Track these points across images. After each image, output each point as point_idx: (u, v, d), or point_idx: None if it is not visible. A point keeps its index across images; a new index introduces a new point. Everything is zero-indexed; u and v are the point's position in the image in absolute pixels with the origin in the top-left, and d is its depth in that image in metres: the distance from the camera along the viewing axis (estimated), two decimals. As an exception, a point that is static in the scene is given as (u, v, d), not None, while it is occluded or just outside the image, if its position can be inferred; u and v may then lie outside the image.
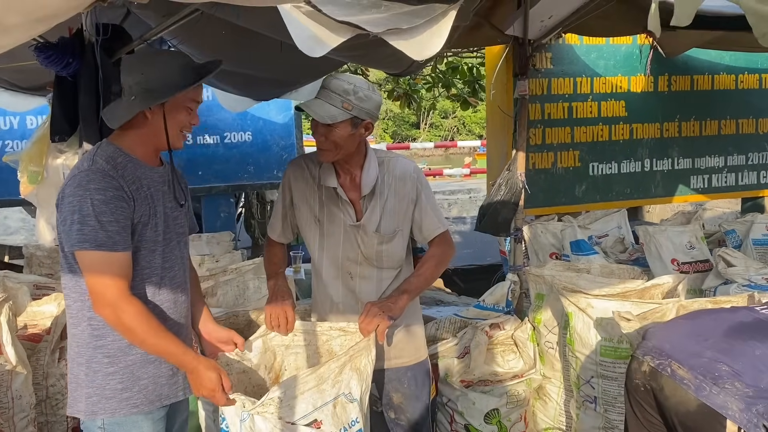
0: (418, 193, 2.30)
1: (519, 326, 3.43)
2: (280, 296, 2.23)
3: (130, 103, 1.82)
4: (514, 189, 3.51)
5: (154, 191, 1.89)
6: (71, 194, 1.74)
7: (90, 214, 1.71)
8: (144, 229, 1.85)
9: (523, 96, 3.50)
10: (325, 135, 2.16)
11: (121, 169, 1.82)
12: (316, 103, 2.13)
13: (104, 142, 1.88)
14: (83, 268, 1.76)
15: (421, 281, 2.31)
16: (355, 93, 2.13)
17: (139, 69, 1.81)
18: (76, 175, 1.78)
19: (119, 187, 1.78)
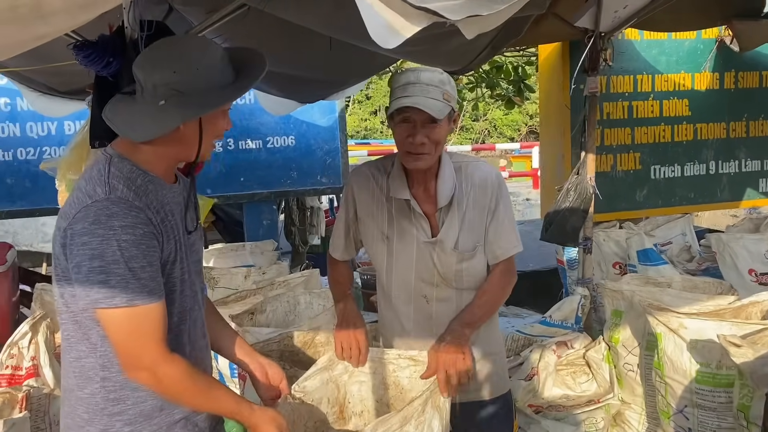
0: (496, 204, 2.02)
1: (591, 345, 3.15)
2: (351, 322, 1.99)
3: (159, 109, 1.41)
4: (583, 195, 3.23)
5: (176, 218, 1.52)
6: (87, 232, 1.34)
7: (118, 260, 1.33)
8: (172, 268, 1.48)
9: (594, 93, 3.22)
10: (428, 135, 1.88)
11: (143, 195, 1.42)
12: (416, 98, 1.85)
13: (114, 156, 1.45)
14: (108, 327, 1.39)
15: (485, 312, 2.04)
16: (450, 81, 1.90)
17: (168, 64, 1.40)
18: (89, 206, 1.36)
19: (147, 222, 1.40)
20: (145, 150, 1.46)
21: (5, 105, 4.54)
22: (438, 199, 1.98)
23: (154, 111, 1.40)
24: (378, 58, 3.84)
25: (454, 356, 1.84)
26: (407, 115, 1.89)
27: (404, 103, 1.86)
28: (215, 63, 1.44)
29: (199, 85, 1.41)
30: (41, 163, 2.83)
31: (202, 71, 1.41)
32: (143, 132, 1.42)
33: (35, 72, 3.61)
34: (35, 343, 2.62)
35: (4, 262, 3.69)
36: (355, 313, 2.03)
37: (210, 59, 1.44)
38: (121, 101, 1.49)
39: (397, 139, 1.96)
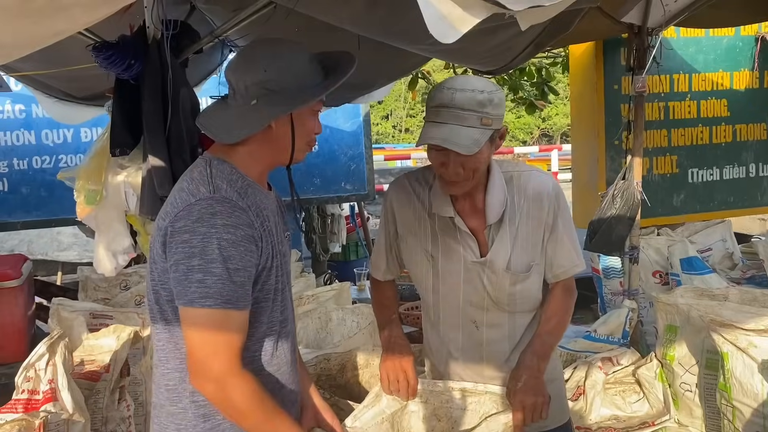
0: (554, 219, 1.81)
1: (642, 362, 2.95)
2: (397, 351, 1.79)
3: (251, 109, 1.40)
4: (630, 201, 3.03)
5: (274, 224, 1.47)
6: (189, 230, 1.31)
7: (216, 259, 1.30)
8: (268, 275, 1.43)
9: (641, 93, 3.02)
10: (463, 164, 1.66)
11: (245, 197, 1.39)
12: (447, 131, 1.61)
13: (212, 159, 1.44)
14: (189, 326, 1.33)
15: (555, 339, 1.85)
16: (491, 101, 1.61)
17: (259, 64, 1.39)
18: (192, 204, 1.34)
19: (250, 224, 1.36)
20: (240, 152, 1.44)
21: (20, 112, 4.40)
22: (487, 215, 1.78)
23: (246, 111, 1.40)
24: (407, 59, 3.67)
25: (533, 399, 1.65)
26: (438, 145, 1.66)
27: (432, 137, 1.62)
28: (305, 63, 1.43)
29: (290, 84, 1.40)
30: (59, 172, 2.65)
31: (293, 70, 1.41)
32: (237, 132, 1.41)
33: (51, 77, 3.48)
34: (53, 365, 2.45)
35: (20, 275, 3.54)
36: (401, 341, 1.84)
37: (300, 59, 1.43)
38: (215, 108, 1.49)
39: (432, 165, 1.76)
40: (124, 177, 2.34)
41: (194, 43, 2.47)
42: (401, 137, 25.16)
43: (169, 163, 2.25)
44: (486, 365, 1.89)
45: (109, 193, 2.34)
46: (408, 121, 25.73)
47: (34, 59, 3.39)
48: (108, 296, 3.92)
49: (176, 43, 2.46)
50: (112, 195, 2.34)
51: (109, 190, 2.35)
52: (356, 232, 6.40)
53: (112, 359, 2.90)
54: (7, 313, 3.45)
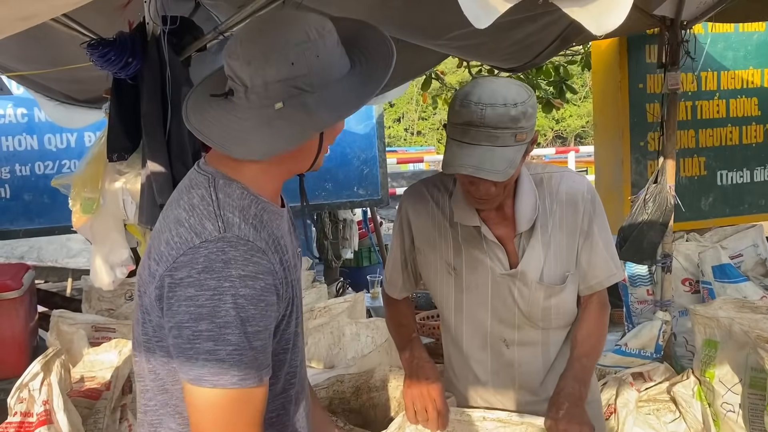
0: (590, 224, 1.64)
1: (678, 379, 2.75)
2: (422, 376, 1.61)
3: (277, 115, 1.06)
4: (663, 206, 2.84)
5: (291, 253, 1.18)
6: (194, 284, 1.01)
7: (231, 322, 1.00)
8: (287, 324, 1.15)
9: (675, 90, 2.82)
10: (495, 183, 1.49)
11: (261, 229, 1.09)
12: (478, 156, 1.43)
13: (217, 176, 1.11)
14: (197, 409, 1.04)
15: (595, 360, 1.68)
16: (525, 113, 1.45)
17: (283, 54, 1.04)
18: (197, 247, 1.03)
19: (270, 270, 1.06)
20: (252, 168, 1.11)
21: (22, 116, 4.27)
22: (518, 223, 1.60)
23: (269, 117, 1.06)
24: (423, 57, 3.50)
25: (578, 429, 1.47)
26: None
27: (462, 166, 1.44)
28: (335, 47, 1.09)
29: (322, 78, 1.07)
30: (53, 178, 2.50)
31: (323, 59, 1.07)
32: (259, 148, 1.06)
33: (52, 79, 3.35)
34: (48, 385, 2.29)
35: (20, 285, 3.40)
36: (426, 363, 1.66)
37: (329, 42, 1.08)
38: (213, 107, 1.11)
39: (459, 181, 1.59)
40: (123, 183, 2.18)
41: (197, 40, 2.31)
42: (413, 140, 25.01)
43: (169, 168, 2.09)
44: (518, 389, 1.72)
45: (106, 201, 2.19)
46: (420, 124, 25.59)
47: (32, 58, 3.27)
48: (112, 306, 3.77)
49: (178, 41, 2.31)
50: (110, 203, 2.18)
51: (107, 197, 2.19)
52: (369, 237, 6.23)
53: (113, 376, 2.75)
54: (6, 326, 3.30)
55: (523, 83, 1.55)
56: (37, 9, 1.07)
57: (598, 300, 1.71)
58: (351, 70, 1.12)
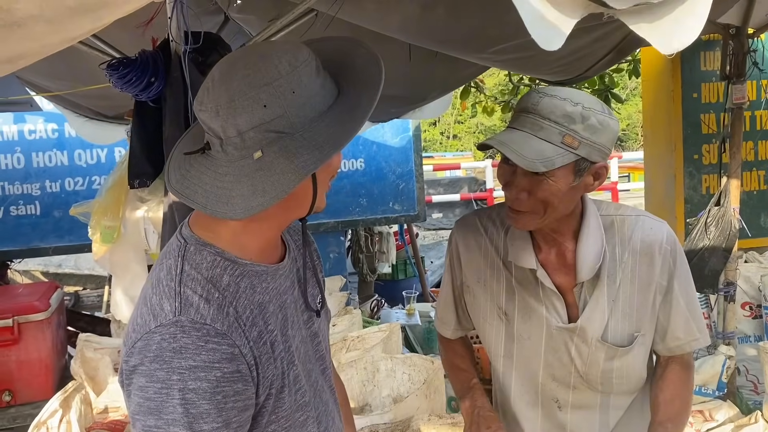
0: (670, 279, 1.42)
1: (745, 422, 2.51)
2: (484, 426, 1.43)
3: (257, 166, 0.92)
4: (726, 230, 2.60)
5: (284, 316, 1.05)
6: (145, 373, 0.91)
7: (178, 420, 0.90)
8: (278, 400, 1.01)
9: (740, 104, 2.58)
10: (529, 189, 1.31)
11: (231, 303, 0.96)
12: (517, 138, 1.28)
13: (190, 242, 1.00)
14: None
15: (680, 430, 1.46)
16: (585, 119, 1.26)
17: (253, 98, 0.91)
18: (151, 332, 0.91)
19: (233, 355, 0.93)
20: (230, 226, 0.99)
21: (52, 132, 4.23)
22: (578, 270, 1.40)
23: (250, 170, 0.93)
24: (462, 70, 3.32)
25: None
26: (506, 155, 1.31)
27: (495, 140, 1.29)
28: (312, 77, 0.95)
29: (302, 116, 0.94)
30: (72, 207, 2.38)
31: (300, 93, 0.93)
32: (244, 204, 0.93)
33: (79, 95, 3.27)
34: (67, 423, 2.19)
35: (47, 307, 3.32)
36: (489, 413, 1.47)
37: (305, 73, 0.94)
38: (193, 165, 0.99)
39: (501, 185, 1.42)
40: (144, 212, 2.05)
41: (223, 58, 2.17)
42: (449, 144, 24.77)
43: (193, 197, 1.95)
44: None
45: (127, 230, 2.06)
46: (456, 128, 25.34)
47: (61, 77, 3.19)
48: (141, 327, 3.68)
49: (204, 59, 2.17)
50: (131, 232, 2.05)
51: (128, 226, 2.06)
52: (405, 249, 6.06)
53: (137, 407, 2.63)
54: (33, 349, 3.23)
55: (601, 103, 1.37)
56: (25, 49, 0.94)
57: (682, 361, 1.50)
58: (338, 99, 0.98)
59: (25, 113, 4.02)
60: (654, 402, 1.46)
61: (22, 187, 4.18)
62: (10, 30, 0.85)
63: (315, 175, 0.99)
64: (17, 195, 4.19)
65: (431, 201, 9.62)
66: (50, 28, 0.92)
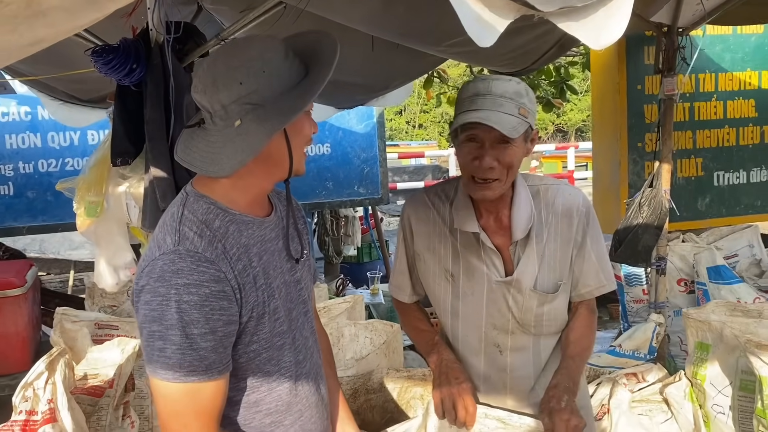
0: (583, 236, 1.70)
1: (670, 381, 2.79)
2: (452, 377, 1.66)
3: (237, 132, 1.19)
4: (658, 210, 2.88)
5: (268, 259, 1.29)
6: (150, 290, 1.15)
7: (175, 325, 1.14)
8: (259, 324, 1.26)
9: (671, 96, 2.86)
10: (498, 157, 1.57)
11: (220, 240, 1.21)
12: (485, 113, 1.54)
13: (191, 194, 1.26)
14: (156, 397, 1.20)
15: (585, 361, 1.74)
16: (528, 93, 1.57)
17: (231, 77, 1.19)
18: (156, 259, 1.17)
19: (219, 278, 1.17)
20: (222, 183, 1.26)
21: (26, 114, 4.31)
22: (513, 232, 1.66)
23: (232, 135, 1.20)
24: (422, 60, 3.53)
25: (577, 422, 1.51)
26: (474, 133, 1.57)
27: (470, 118, 1.53)
28: (280, 60, 1.22)
29: (273, 90, 1.21)
30: (58, 182, 2.54)
31: (270, 73, 1.21)
32: (228, 163, 1.20)
33: (55, 79, 3.38)
34: (52, 384, 2.34)
35: (24, 282, 3.44)
36: (455, 364, 1.71)
37: (274, 57, 1.22)
38: (192, 137, 1.26)
39: (462, 162, 1.64)
40: (126, 187, 2.22)
41: (199, 47, 2.34)
42: (415, 133, 24.99)
43: (172, 173, 2.13)
44: (510, 393, 1.77)
45: (110, 204, 2.23)
46: (422, 117, 25.58)
47: (39, 62, 3.30)
48: (115, 303, 3.83)
49: (181, 47, 2.34)
50: (114, 207, 2.22)
51: (110, 201, 2.23)
52: (370, 233, 6.28)
53: (116, 374, 2.79)
54: (10, 323, 3.35)
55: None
56: (44, 34, 1.12)
57: (587, 306, 1.78)
58: (304, 78, 1.24)
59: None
60: (565, 339, 1.73)
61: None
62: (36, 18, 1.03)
63: (288, 139, 1.25)
64: (-10, 176, 4.27)
65: (396, 188, 9.87)
66: (67, 16, 1.10)
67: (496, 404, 1.76)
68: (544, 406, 1.58)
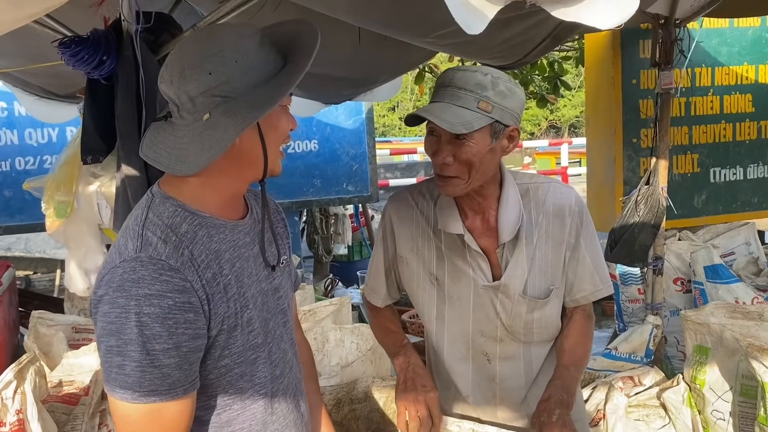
0: (577, 237, 1.59)
1: (668, 385, 2.70)
2: (419, 383, 1.55)
3: (205, 126, 1.08)
4: (655, 208, 2.78)
5: (241, 266, 1.18)
6: (108, 301, 1.05)
7: (134, 339, 1.03)
8: (231, 337, 1.15)
9: (668, 90, 2.76)
10: (454, 153, 1.45)
11: (187, 246, 1.10)
12: (438, 107, 1.43)
13: (157, 195, 1.15)
14: (116, 420, 1.09)
15: (581, 372, 1.64)
16: (495, 86, 1.43)
17: (199, 67, 1.08)
18: (116, 267, 1.07)
19: (185, 288, 1.07)
20: (191, 183, 1.15)
21: (2, 110, 4.17)
22: (500, 233, 1.54)
23: (200, 130, 1.09)
24: (413, 53, 3.42)
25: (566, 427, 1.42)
26: (431, 126, 1.47)
27: (419, 111, 1.44)
28: (254, 49, 1.11)
29: (245, 82, 1.10)
30: (25, 181, 2.42)
31: (243, 63, 1.09)
32: (195, 160, 1.09)
33: (31, 73, 3.26)
34: (21, 393, 2.22)
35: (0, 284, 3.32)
36: (421, 370, 1.60)
37: (247, 46, 1.11)
38: (158, 132, 1.16)
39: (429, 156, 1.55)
40: (97, 186, 2.10)
41: (175, 38, 2.22)
42: (408, 129, 24.87)
43: (144, 172, 2.01)
44: (500, 405, 1.67)
45: (80, 204, 2.11)
46: (414, 114, 25.41)
47: (11, 54, 3.17)
48: (95, 305, 3.71)
49: (155, 38, 2.22)
50: (84, 207, 2.10)
51: (81, 201, 2.11)
52: (360, 231, 6.17)
53: (92, 380, 2.67)
54: (-16, 327, 3.23)
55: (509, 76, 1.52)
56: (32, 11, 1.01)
57: (583, 311, 1.67)
58: (282, 69, 1.13)
59: (-26, 92, 3.97)
60: (560, 347, 1.63)
61: (-29, 166, 4.14)
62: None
63: (262, 135, 1.13)
64: (-34, 174, 4.14)
65: (388, 185, 9.75)
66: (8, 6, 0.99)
67: (486, 416, 1.66)
68: (536, 420, 1.48)
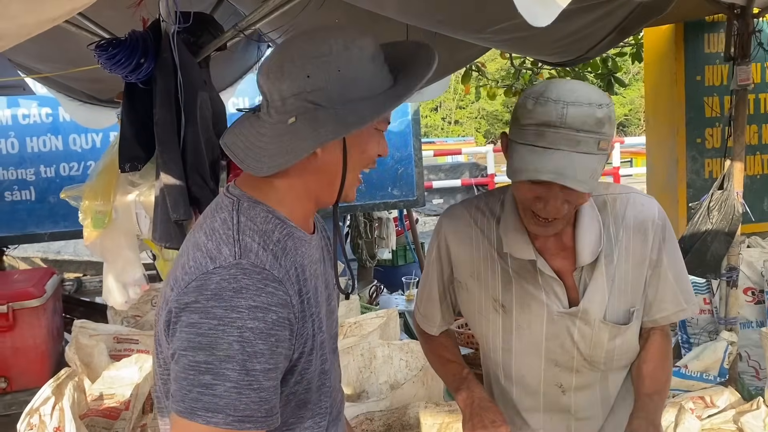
0: (659, 253, 1.41)
1: (747, 408, 2.48)
2: (488, 420, 1.38)
3: (288, 130, 0.99)
4: (729, 215, 2.55)
5: (314, 284, 1.07)
6: (200, 309, 0.92)
7: (234, 357, 0.91)
8: (308, 361, 1.03)
9: (745, 86, 2.52)
10: (569, 198, 1.27)
11: (283, 257, 0.99)
12: (558, 161, 1.21)
13: (242, 198, 1.04)
14: None
15: (663, 400, 1.46)
16: (609, 119, 1.23)
17: (300, 67, 0.99)
18: (210, 273, 0.94)
19: (285, 302, 0.96)
20: (279, 187, 1.05)
21: (46, 116, 4.17)
22: (579, 255, 1.37)
23: (282, 132, 1.01)
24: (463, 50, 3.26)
25: None
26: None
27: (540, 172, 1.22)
28: (365, 63, 1.01)
29: (343, 94, 1.00)
30: (62, 190, 2.34)
31: (346, 74, 1.00)
32: (269, 162, 1.01)
33: (73, 78, 3.22)
34: (60, 410, 2.16)
35: (43, 293, 3.30)
36: (490, 405, 1.43)
37: (357, 57, 1.01)
38: (244, 123, 1.09)
39: (519, 198, 1.34)
40: (136, 196, 2.01)
41: (216, 40, 2.12)
42: (450, 129, 24.65)
43: (184, 180, 1.92)
44: None
45: (118, 214, 2.02)
46: (458, 113, 25.20)
47: (52, 59, 3.14)
48: (139, 313, 3.65)
49: (195, 39, 2.12)
50: (122, 217, 2.01)
51: (119, 211, 2.02)
52: (404, 235, 6.02)
53: (132, 394, 2.61)
54: (28, 336, 3.21)
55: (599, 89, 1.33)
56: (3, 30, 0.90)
57: (662, 332, 1.50)
58: (388, 90, 1.03)
59: (19, 97, 3.96)
60: (638, 373, 1.46)
61: (16, 172, 4.15)
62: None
63: (346, 154, 1.03)
64: (12, 180, 4.15)
65: (432, 187, 9.58)
66: (24, 7, 0.88)
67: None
68: None
